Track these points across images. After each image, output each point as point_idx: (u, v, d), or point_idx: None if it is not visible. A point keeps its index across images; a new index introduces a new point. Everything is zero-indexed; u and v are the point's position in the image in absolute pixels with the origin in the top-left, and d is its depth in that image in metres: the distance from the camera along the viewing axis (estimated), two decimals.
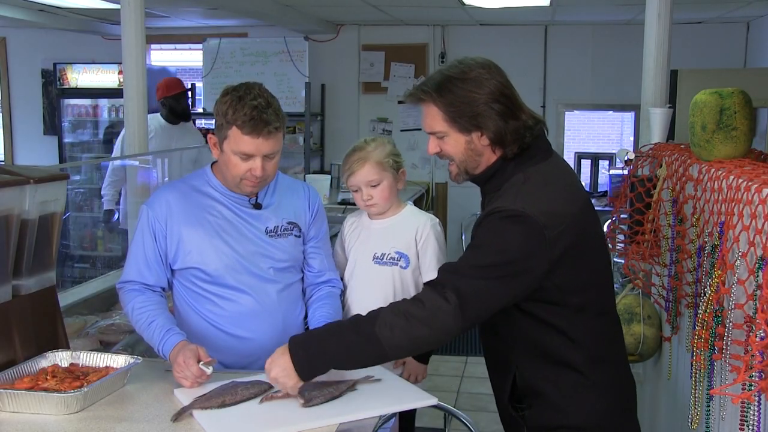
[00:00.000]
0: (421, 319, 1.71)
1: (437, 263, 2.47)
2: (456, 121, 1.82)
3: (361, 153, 2.46)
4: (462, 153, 1.86)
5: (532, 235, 1.71)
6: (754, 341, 1.49)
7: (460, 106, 1.80)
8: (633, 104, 4.69)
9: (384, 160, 2.45)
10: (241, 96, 2.08)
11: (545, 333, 1.82)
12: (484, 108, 1.80)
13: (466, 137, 1.84)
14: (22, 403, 1.83)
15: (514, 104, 1.83)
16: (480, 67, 1.83)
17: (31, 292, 2.08)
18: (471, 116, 1.81)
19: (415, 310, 1.71)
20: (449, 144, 1.86)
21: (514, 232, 1.72)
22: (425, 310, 1.70)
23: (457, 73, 1.82)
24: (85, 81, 7.39)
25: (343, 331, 1.78)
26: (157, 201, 2.24)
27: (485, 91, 1.80)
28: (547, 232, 1.71)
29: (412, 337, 1.72)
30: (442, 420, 2.60)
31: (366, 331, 1.73)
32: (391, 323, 1.71)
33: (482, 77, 1.81)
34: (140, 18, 3.75)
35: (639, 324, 2.74)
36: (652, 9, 3.44)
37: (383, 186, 2.46)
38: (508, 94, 1.83)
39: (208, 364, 1.97)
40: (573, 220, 1.78)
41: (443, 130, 1.85)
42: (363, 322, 1.75)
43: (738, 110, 2.15)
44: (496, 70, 1.84)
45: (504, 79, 1.84)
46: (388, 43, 7.18)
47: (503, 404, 1.94)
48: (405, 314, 1.71)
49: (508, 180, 1.83)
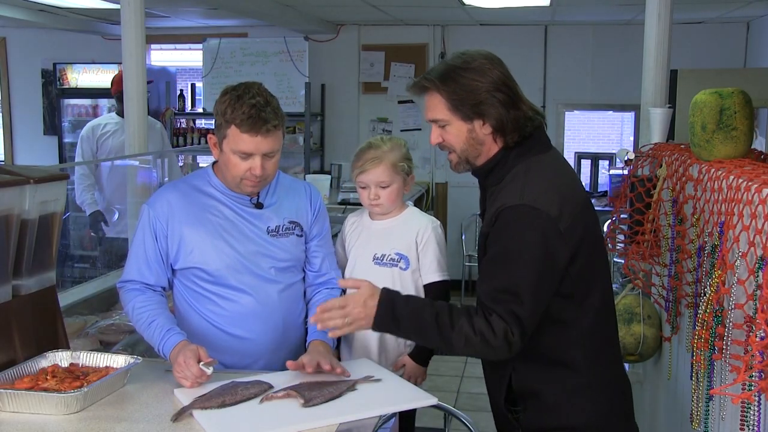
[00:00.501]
0: (491, 346, 1.75)
1: (437, 265, 2.47)
2: (458, 109, 1.85)
3: (377, 152, 2.44)
4: (464, 142, 1.88)
5: (548, 229, 1.73)
6: (754, 341, 1.49)
7: (463, 95, 1.83)
8: (633, 104, 4.68)
9: (399, 163, 2.45)
10: (240, 95, 2.09)
11: (545, 331, 1.82)
12: (487, 96, 1.83)
13: (468, 125, 1.86)
14: (22, 403, 1.83)
15: (515, 94, 1.86)
16: (483, 57, 1.86)
17: (31, 292, 2.08)
18: (473, 104, 1.84)
19: (489, 334, 1.74)
20: (451, 133, 1.88)
21: (530, 231, 1.74)
22: (497, 339, 1.74)
23: (461, 63, 1.86)
24: (85, 81, 7.39)
25: (427, 317, 1.80)
26: (158, 201, 2.24)
27: (488, 80, 1.83)
28: (560, 224, 1.74)
29: (478, 354, 1.81)
30: (442, 420, 2.60)
31: (444, 331, 1.77)
32: (467, 336, 1.75)
33: (485, 67, 1.84)
34: (140, 18, 3.75)
35: (639, 324, 2.74)
36: (652, 9, 3.44)
37: (392, 188, 2.46)
38: (509, 84, 1.86)
39: (208, 365, 1.97)
40: (581, 208, 1.82)
41: (446, 118, 1.87)
42: (446, 322, 1.78)
43: (738, 110, 2.15)
44: (498, 62, 1.88)
45: (506, 70, 1.88)
46: (388, 43, 7.18)
47: (498, 406, 1.95)
48: (480, 335, 1.74)
49: (510, 171, 1.85)
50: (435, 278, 2.47)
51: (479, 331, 1.74)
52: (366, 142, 2.51)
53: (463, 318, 1.76)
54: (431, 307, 1.81)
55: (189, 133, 7.29)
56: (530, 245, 1.74)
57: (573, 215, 1.77)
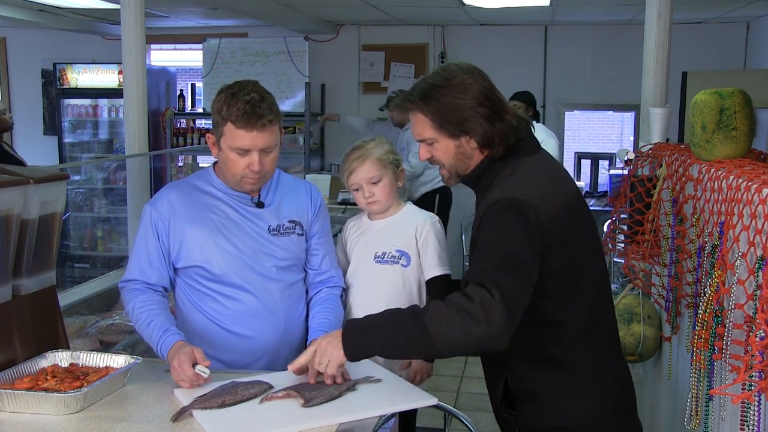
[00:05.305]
0: (471, 315, 1.65)
1: (438, 260, 2.48)
2: (444, 128, 1.86)
3: (361, 151, 2.47)
4: (452, 157, 1.89)
5: (528, 219, 1.73)
6: (754, 341, 1.49)
7: (447, 113, 1.84)
8: (633, 104, 4.69)
9: (384, 157, 2.47)
10: (235, 92, 2.10)
11: (541, 331, 1.83)
12: (470, 113, 1.83)
13: (455, 142, 1.87)
14: (22, 403, 1.83)
15: (498, 106, 1.86)
16: (463, 72, 1.86)
17: (31, 292, 2.08)
18: (458, 122, 1.84)
19: (466, 304, 1.66)
20: (439, 150, 1.90)
21: (511, 220, 1.74)
22: (474, 306, 1.65)
23: (441, 80, 1.85)
24: (85, 81, 7.40)
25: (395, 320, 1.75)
26: (159, 200, 2.25)
27: (470, 96, 1.83)
28: (540, 215, 1.73)
29: (463, 331, 1.66)
30: (442, 420, 2.60)
31: (417, 318, 1.69)
32: (442, 314, 1.67)
33: (466, 83, 1.84)
34: (140, 18, 3.75)
35: (639, 324, 2.74)
36: (652, 9, 3.44)
37: (384, 183, 2.47)
38: (492, 97, 1.86)
39: (204, 368, 1.97)
40: (565, 206, 1.81)
41: (432, 136, 1.88)
42: (417, 311, 1.72)
43: (738, 110, 2.15)
44: (479, 75, 1.87)
45: (487, 82, 1.87)
46: (388, 43, 7.18)
47: (496, 405, 1.96)
48: (457, 307, 1.66)
49: (498, 176, 1.87)
50: (437, 272, 2.48)
51: (454, 303, 1.67)
52: (349, 147, 2.54)
53: (435, 301, 1.73)
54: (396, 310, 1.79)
55: (189, 133, 7.29)
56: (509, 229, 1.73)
57: (555, 210, 1.77)
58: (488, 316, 1.64)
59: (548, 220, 1.75)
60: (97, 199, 7.11)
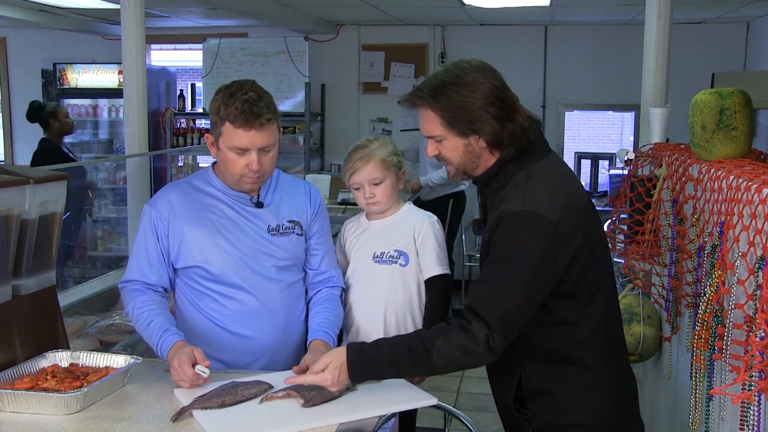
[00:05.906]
0: (474, 354, 1.75)
1: (437, 259, 2.47)
2: (453, 126, 1.83)
3: (365, 151, 2.46)
4: (460, 156, 1.88)
5: (549, 234, 1.73)
6: (754, 341, 1.49)
7: (456, 111, 1.81)
8: (633, 104, 4.68)
9: (387, 158, 2.46)
10: (233, 92, 2.10)
11: (554, 330, 1.83)
12: (480, 112, 1.80)
13: (464, 141, 1.85)
14: (22, 403, 1.83)
15: (509, 106, 1.83)
16: (475, 70, 1.83)
17: (31, 292, 2.08)
18: (467, 121, 1.82)
19: (469, 344, 1.74)
20: (447, 148, 1.88)
21: (530, 236, 1.74)
22: (478, 346, 1.73)
23: (453, 77, 1.82)
24: (85, 81, 7.40)
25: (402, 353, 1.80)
26: (159, 200, 2.25)
27: (480, 95, 1.80)
28: (561, 228, 1.74)
29: (462, 366, 1.82)
30: (442, 420, 2.60)
31: (422, 359, 1.77)
32: (446, 355, 1.75)
33: (477, 81, 1.81)
34: (140, 18, 3.75)
35: (639, 324, 2.74)
36: (652, 9, 3.44)
37: (386, 184, 2.47)
38: (503, 96, 1.83)
39: (204, 368, 1.97)
40: (582, 212, 1.81)
41: (441, 134, 1.86)
42: (420, 350, 1.77)
43: (738, 110, 2.15)
44: (491, 73, 1.84)
45: (499, 81, 1.84)
46: (388, 43, 7.18)
47: (506, 406, 1.95)
48: (461, 349, 1.74)
49: (512, 178, 1.85)
50: (436, 272, 2.48)
51: (459, 345, 1.74)
52: (353, 146, 2.53)
53: (438, 339, 1.76)
54: (402, 342, 1.82)
55: (189, 133, 7.29)
56: (529, 250, 1.74)
57: (574, 220, 1.77)
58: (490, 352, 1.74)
59: (568, 232, 1.75)
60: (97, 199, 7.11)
